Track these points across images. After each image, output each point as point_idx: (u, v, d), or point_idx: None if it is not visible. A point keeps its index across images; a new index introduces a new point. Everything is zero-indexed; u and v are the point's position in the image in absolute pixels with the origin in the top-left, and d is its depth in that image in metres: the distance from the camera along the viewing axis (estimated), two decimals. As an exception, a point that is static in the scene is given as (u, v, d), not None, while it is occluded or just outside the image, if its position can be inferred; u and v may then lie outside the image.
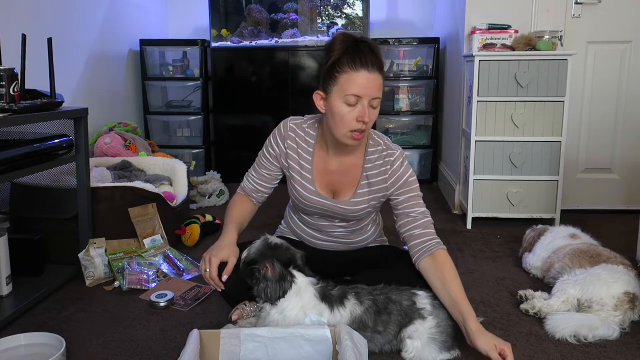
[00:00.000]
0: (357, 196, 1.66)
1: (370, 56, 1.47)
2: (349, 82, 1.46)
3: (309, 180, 1.68)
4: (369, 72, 1.46)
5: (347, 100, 1.48)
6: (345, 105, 1.49)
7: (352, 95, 1.47)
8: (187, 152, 3.92)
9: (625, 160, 3.02)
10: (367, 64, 1.46)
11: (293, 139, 1.68)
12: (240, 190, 1.80)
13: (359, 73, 1.46)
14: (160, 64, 3.93)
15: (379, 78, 1.49)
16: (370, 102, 1.49)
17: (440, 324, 1.45)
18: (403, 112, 3.91)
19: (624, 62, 2.92)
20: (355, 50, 1.47)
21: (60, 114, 1.95)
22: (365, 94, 1.47)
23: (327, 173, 1.68)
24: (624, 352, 1.55)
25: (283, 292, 1.44)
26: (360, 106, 1.48)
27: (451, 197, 3.20)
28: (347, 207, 1.66)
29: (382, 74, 1.50)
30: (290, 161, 1.69)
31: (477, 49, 2.71)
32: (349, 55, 1.47)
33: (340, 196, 1.68)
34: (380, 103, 1.53)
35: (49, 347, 1.48)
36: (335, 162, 1.66)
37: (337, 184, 1.68)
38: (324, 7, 3.86)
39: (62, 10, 2.89)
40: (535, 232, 2.23)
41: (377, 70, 1.47)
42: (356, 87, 1.46)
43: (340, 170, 1.67)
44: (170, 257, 2.20)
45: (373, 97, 1.49)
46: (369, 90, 1.47)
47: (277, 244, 1.51)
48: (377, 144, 1.67)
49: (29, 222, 2.18)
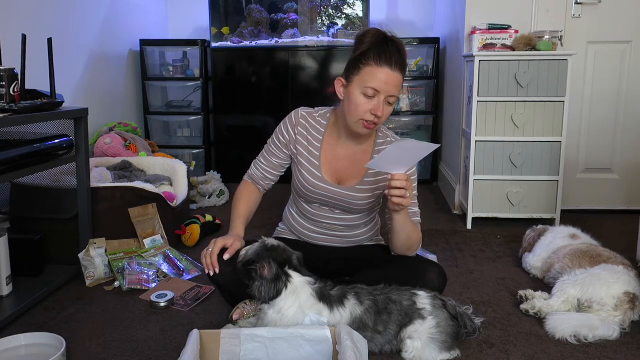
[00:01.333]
0: (363, 184, 1.70)
1: (396, 55, 1.54)
2: (371, 75, 1.54)
3: (316, 167, 1.72)
4: (391, 70, 1.53)
5: (366, 91, 1.55)
6: (362, 96, 1.56)
7: (370, 88, 1.54)
8: (187, 152, 3.92)
9: (625, 160, 3.02)
10: (390, 61, 1.53)
11: (304, 126, 1.74)
12: (247, 177, 1.84)
13: (381, 68, 1.53)
14: (160, 64, 3.93)
15: (399, 77, 1.56)
16: (386, 98, 1.56)
17: (440, 324, 1.45)
18: (403, 112, 3.91)
19: (624, 62, 2.92)
20: (382, 46, 1.54)
21: (60, 114, 1.95)
22: (384, 90, 1.54)
23: (335, 160, 1.73)
24: (624, 352, 1.55)
25: (277, 292, 1.44)
26: (377, 100, 1.56)
27: (451, 197, 3.20)
28: (352, 193, 1.70)
29: (404, 74, 1.57)
30: (298, 147, 1.74)
31: (477, 49, 2.71)
32: (375, 50, 1.54)
33: (345, 184, 1.72)
34: (396, 102, 1.56)
35: (49, 347, 1.48)
36: (345, 150, 1.72)
37: (344, 171, 1.72)
38: (324, 7, 3.86)
39: (62, 10, 2.89)
40: (535, 232, 2.23)
41: (399, 69, 1.54)
42: (376, 82, 1.53)
43: (350, 158, 1.72)
44: (170, 257, 2.20)
45: (390, 93, 1.55)
46: (387, 87, 1.54)
47: (274, 246, 1.51)
48: (385, 136, 1.75)
49: (29, 222, 2.18)
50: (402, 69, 1.56)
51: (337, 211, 1.75)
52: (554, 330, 1.63)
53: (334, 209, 1.75)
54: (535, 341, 1.61)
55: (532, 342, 1.61)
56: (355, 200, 1.70)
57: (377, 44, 1.54)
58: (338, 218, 1.76)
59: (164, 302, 1.85)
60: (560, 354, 1.54)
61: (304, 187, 1.74)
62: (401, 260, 1.69)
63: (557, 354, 1.54)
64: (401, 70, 1.55)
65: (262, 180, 1.81)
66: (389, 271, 1.62)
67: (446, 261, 2.27)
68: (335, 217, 1.76)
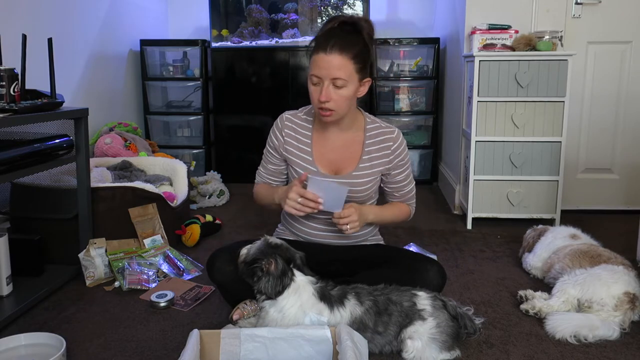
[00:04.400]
0: (359, 169, 1.72)
1: (335, 37, 1.56)
2: (312, 63, 1.59)
3: (309, 162, 1.74)
4: (326, 54, 1.55)
5: (312, 80, 1.61)
6: (311, 85, 1.62)
7: (313, 76, 1.59)
8: (187, 152, 3.92)
9: (625, 160, 3.02)
10: (325, 46, 1.55)
11: (290, 127, 1.77)
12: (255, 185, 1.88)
13: (317, 55, 1.57)
14: (160, 64, 3.93)
15: (337, 58, 1.55)
16: (331, 81, 1.57)
17: (440, 325, 1.45)
18: (403, 112, 3.91)
19: (624, 62, 2.92)
20: (324, 34, 1.60)
21: (60, 114, 1.95)
22: (323, 74, 1.57)
23: (327, 152, 1.75)
24: (623, 352, 1.55)
25: (283, 287, 1.44)
26: (320, 86, 1.59)
27: (451, 197, 3.20)
28: (350, 180, 1.71)
29: (346, 54, 1.55)
30: (288, 147, 1.76)
31: (477, 49, 2.71)
32: (319, 38, 1.59)
33: (343, 172, 1.74)
34: (351, 84, 1.59)
35: (49, 347, 1.48)
36: (335, 139, 1.74)
37: (339, 160, 1.74)
38: (324, 7, 3.86)
39: (62, 10, 2.89)
40: (536, 232, 2.23)
41: (337, 51, 1.54)
42: (315, 68, 1.58)
43: (341, 146, 1.74)
44: (170, 257, 2.20)
45: (333, 76, 1.56)
46: (326, 71, 1.56)
47: (277, 244, 1.51)
48: (374, 122, 1.78)
49: (29, 222, 2.18)
50: (342, 49, 1.54)
51: None
52: (554, 330, 1.63)
53: None
54: (535, 341, 1.61)
55: (532, 342, 1.61)
56: (356, 187, 1.71)
57: (324, 32, 1.60)
58: None
59: (164, 302, 1.85)
60: (560, 354, 1.54)
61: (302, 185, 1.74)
62: (401, 260, 1.69)
63: (557, 354, 1.54)
64: (340, 51, 1.54)
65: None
66: (389, 271, 1.62)
67: (446, 261, 2.27)
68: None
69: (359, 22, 1.60)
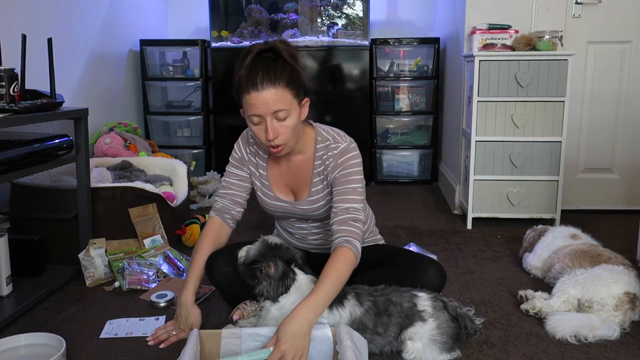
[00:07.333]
0: (312, 194, 1.66)
1: (263, 71, 1.45)
2: (247, 104, 1.48)
3: (267, 187, 1.71)
4: (259, 92, 1.44)
5: (251, 120, 1.50)
6: (253, 125, 1.52)
7: (253, 116, 1.49)
8: (187, 152, 3.91)
9: (625, 160, 3.01)
10: (255, 83, 1.44)
11: (252, 144, 1.72)
12: (212, 213, 1.74)
13: (249, 95, 1.45)
14: (160, 64, 3.93)
15: (272, 91, 1.45)
16: (273, 116, 1.47)
17: (440, 326, 1.45)
18: (403, 112, 3.91)
19: (624, 62, 2.92)
20: (248, 70, 1.46)
21: (60, 114, 1.95)
22: (263, 112, 1.46)
23: (282, 175, 1.70)
24: (624, 352, 1.55)
25: (285, 288, 1.45)
26: (264, 124, 1.49)
27: (451, 197, 3.20)
28: (306, 206, 1.67)
29: (278, 84, 1.45)
30: (251, 167, 1.73)
31: (477, 49, 2.71)
32: (244, 77, 1.46)
33: (299, 197, 1.69)
34: (293, 111, 1.49)
35: (49, 347, 1.48)
36: (288, 163, 1.68)
37: (293, 184, 1.70)
38: (324, 7, 3.86)
39: (62, 10, 2.89)
40: (536, 232, 2.23)
41: (269, 85, 1.44)
42: (252, 109, 1.47)
43: (294, 170, 1.68)
44: (170, 257, 2.20)
45: (273, 111, 1.46)
46: (265, 108, 1.46)
47: (277, 244, 1.51)
48: (324, 140, 1.64)
49: (29, 222, 2.18)
50: (274, 81, 1.44)
51: (310, 221, 1.74)
52: (554, 330, 1.63)
53: (305, 220, 1.73)
54: (536, 341, 1.61)
55: (532, 342, 1.60)
56: (313, 211, 1.67)
57: (245, 68, 1.46)
58: (316, 226, 1.75)
59: (164, 302, 1.85)
60: (560, 354, 1.54)
61: (265, 207, 1.74)
62: (400, 259, 1.69)
63: (557, 354, 1.54)
64: (273, 83, 1.44)
65: (227, 212, 1.72)
66: (389, 271, 1.62)
67: (446, 261, 2.27)
68: (314, 226, 1.75)
69: (275, 46, 1.50)
